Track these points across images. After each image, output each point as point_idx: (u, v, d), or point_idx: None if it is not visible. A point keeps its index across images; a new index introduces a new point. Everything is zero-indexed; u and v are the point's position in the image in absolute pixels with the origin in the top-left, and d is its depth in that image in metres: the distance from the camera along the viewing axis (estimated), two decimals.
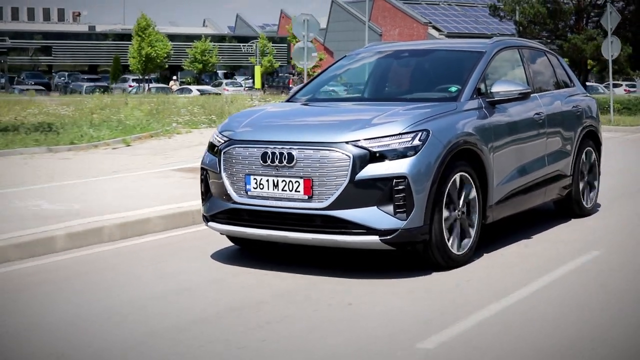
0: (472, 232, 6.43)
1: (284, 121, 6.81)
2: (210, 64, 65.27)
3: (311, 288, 5.76)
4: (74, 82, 56.83)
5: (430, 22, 64.16)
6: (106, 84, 53.31)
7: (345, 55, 8.29)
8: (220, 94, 43.49)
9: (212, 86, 55.40)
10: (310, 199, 5.89)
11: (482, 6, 67.58)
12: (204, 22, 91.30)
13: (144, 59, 57.14)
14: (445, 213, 6.07)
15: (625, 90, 45.18)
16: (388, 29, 68.24)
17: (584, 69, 35.73)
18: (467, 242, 6.37)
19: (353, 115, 6.57)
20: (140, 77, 58.49)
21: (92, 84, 51.98)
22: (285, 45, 70.85)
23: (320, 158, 5.87)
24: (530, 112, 7.41)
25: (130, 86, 54.02)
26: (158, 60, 58.02)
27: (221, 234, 6.78)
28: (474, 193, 6.41)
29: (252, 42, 69.21)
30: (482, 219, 6.56)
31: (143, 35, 57.67)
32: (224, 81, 61.09)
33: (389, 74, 7.88)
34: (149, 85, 54.53)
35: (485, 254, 6.68)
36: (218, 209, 6.42)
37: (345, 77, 8.57)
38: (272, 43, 67.64)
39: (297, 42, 22.90)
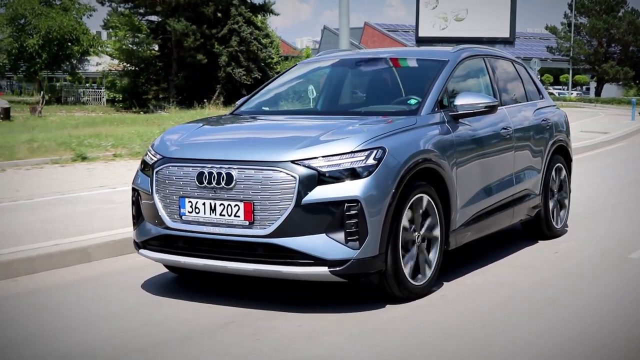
0: (433, 260, 5.80)
1: (223, 137, 6.13)
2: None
3: None
4: None
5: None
6: None
7: (296, 64, 7.61)
8: None
9: None
10: (251, 225, 5.20)
11: None
12: None
13: None
14: (402, 240, 5.43)
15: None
16: None
17: (602, 84, 66.47)
18: (428, 272, 5.74)
19: (301, 131, 5.87)
20: None
21: None
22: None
23: (262, 179, 5.18)
24: (497, 127, 6.80)
25: None
26: None
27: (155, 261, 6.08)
28: (435, 216, 5.78)
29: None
30: (444, 245, 5.93)
31: None
32: None
33: (343, 84, 7.18)
34: None
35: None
36: (150, 234, 5.71)
37: (297, 88, 7.86)
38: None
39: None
